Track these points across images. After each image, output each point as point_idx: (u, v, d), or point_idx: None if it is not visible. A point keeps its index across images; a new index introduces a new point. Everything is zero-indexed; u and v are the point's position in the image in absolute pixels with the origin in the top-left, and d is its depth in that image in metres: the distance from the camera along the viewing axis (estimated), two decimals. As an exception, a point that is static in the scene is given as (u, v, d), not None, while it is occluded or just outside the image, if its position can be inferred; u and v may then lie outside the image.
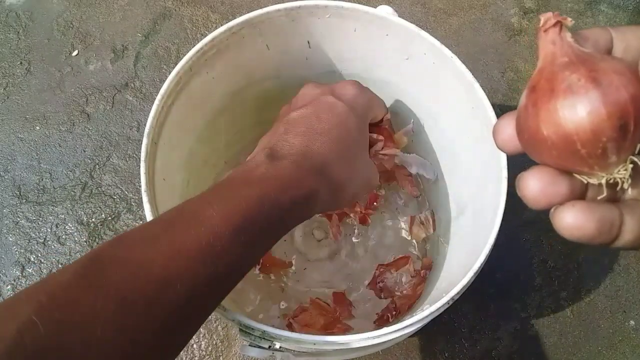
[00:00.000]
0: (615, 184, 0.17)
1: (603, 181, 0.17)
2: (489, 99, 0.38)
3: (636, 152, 0.17)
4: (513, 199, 0.35)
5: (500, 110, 0.35)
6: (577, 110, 0.16)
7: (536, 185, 0.18)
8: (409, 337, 0.40)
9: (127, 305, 0.20)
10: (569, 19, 0.18)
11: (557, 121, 0.17)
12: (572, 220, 0.17)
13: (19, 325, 0.17)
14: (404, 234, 0.55)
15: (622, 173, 0.17)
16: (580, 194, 0.18)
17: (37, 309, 0.18)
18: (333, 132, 0.33)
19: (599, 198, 0.18)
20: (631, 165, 0.17)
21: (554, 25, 0.18)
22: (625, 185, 0.17)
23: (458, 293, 0.33)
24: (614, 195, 0.18)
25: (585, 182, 0.17)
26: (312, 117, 0.34)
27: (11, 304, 0.19)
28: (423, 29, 0.40)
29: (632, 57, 0.18)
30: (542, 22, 0.19)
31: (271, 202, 0.27)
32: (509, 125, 0.20)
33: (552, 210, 0.18)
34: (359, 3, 0.40)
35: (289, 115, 0.35)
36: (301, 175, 0.30)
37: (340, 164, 0.33)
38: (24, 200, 0.64)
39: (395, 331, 0.31)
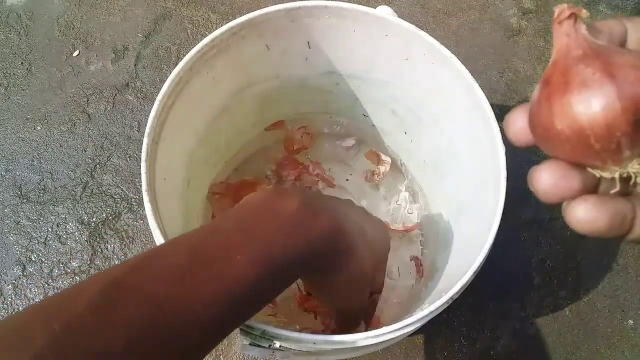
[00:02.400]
0: (629, 178, 0.17)
1: (616, 175, 0.17)
2: (488, 100, 0.38)
3: None
4: (512, 198, 0.35)
5: (500, 110, 0.35)
6: (592, 105, 0.16)
7: (549, 180, 0.18)
8: (408, 336, 0.40)
9: (142, 344, 0.19)
10: (584, 11, 0.18)
11: (571, 116, 0.17)
12: (584, 215, 0.17)
13: (31, 358, 0.17)
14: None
15: (635, 168, 0.17)
16: (592, 188, 0.18)
17: (52, 341, 0.17)
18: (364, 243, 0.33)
19: (611, 192, 0.18)
20: None
21: (569, 17, 0.18)
22: (639, 180, 0.17)
23: (458, 293, 0.33)
24: (627, 189, 0.18)
25: (599, 176, 0.17)
26: (349, 211, 0.33)
27: (24, 327, 0.18)
28: (422, 30, 0.40)
29: None
30: (556, 14, 0.18)
31: (293, 253, 0.26)
32: (521, 118, 0.20)
33: (564, 204, 0.18)
34: (358, 4, 0.41)
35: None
36: (328, 227, 0.28)
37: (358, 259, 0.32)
38: (25, 200, 0.64)
39: (395, 331, 0.31)
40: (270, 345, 0.31)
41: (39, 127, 0.68)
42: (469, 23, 0.75)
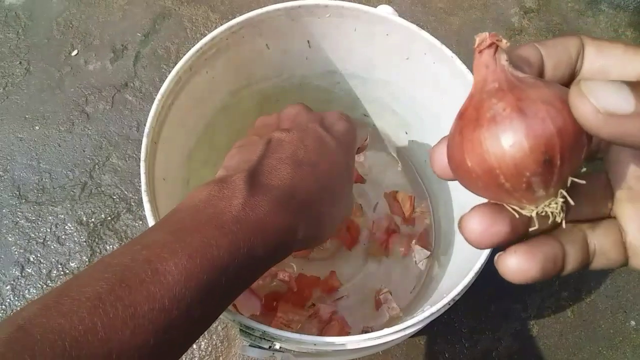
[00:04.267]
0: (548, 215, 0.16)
1: (534, 214, 0.16)
2: (490, 99, 0.37)
3: (568, 184, 0.16)
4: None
5: (501, 110, 0.35)
6: (500, 142, 0.15)
7: (477, 228, 0.17)
8: (409, 337, 0.40)
9: None
10: (505, 41, 0.17)
11: (480, 153, 0.16)
12: (516, 267, 0.17)
13: None
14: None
15: (552, 207, 0.16)
16: (522, 227, 0.18)
17: None
18: (320, 165, 0.30)
19: (531, 230, 0.17)
20: (562, 200, 0.16)
21: (489, 46, 0.17)
22: (558, 219, 0.16)
23: (459, 294, 0.33)
24: (556, 221, 0.17)
25: (517, 215, 0.17)
26: (299, 144, 0.31)
27: None
28: (423, 29, 0.40)
29: (562, 73, 0.18)
30: (476, 42, 0.17)
31: (245, 253, 0.23)
32: (442, 151, 0.19)
33: (495, 257, 0.18)
34: (359, 3, 0.40)
35: (271, 134, 0.31)
36: (282, 216, 0.26)
37: (323, 201, 0.30)
38: (24, 200, 0.64)
39: (395, 332, 0.31)
40: (270, 347, 0.31)
41: (37, 127, 0.68)
42: (470, 22, 0.75)
